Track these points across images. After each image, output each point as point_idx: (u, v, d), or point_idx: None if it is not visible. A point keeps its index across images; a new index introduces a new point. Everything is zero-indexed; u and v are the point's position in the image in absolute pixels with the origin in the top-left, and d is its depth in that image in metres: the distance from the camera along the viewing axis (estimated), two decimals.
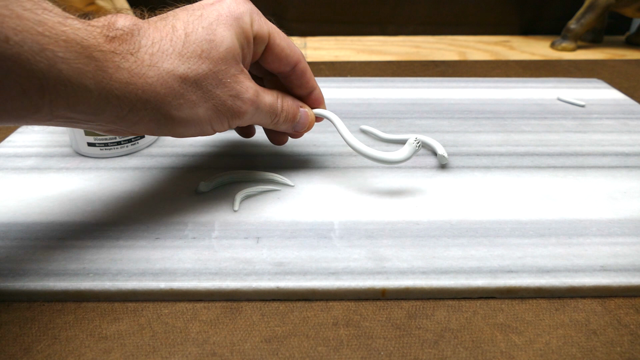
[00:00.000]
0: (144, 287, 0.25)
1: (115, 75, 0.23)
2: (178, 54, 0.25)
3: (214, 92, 0.26)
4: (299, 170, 0.35)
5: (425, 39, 0.80)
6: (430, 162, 0.37)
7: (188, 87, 0.25)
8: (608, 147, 0.40)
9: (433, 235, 0.29)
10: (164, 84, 0.24)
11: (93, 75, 0.22)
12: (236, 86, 0.27)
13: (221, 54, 0.26)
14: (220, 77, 0.26)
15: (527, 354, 0.22)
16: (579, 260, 0.27)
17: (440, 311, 0.24)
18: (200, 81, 0.26)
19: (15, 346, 0.22)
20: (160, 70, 0.24)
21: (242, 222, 0.30)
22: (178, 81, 0.25)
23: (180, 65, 0.25)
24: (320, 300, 0.25)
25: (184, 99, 0.25)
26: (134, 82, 0.23)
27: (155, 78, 0.24)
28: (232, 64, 0.27)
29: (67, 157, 0.37)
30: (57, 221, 0.29)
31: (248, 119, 0.29)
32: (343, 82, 0.55)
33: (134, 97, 0.24)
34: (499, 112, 0.46)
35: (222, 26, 0.26)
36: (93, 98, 0.22)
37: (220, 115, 0.27)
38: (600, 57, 0.70)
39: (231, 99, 0.27)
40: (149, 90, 0.24)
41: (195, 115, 0.26)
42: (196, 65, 0.25)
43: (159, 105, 0.25)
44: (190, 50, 0.25)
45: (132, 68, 0.23)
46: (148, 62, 0.24)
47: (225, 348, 0.22)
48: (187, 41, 0.25)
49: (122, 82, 0.23)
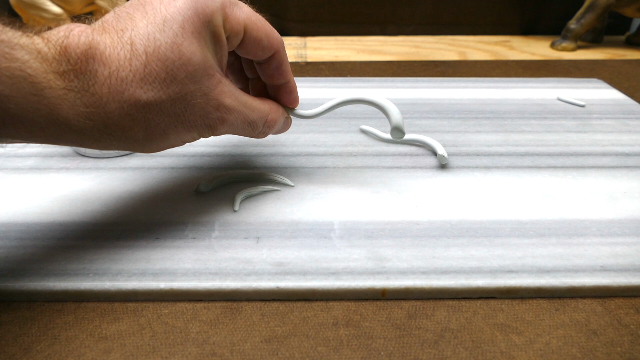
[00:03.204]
0: (144, 287, 0.25)
1: (71, 112, 0.21)
2: (139, 80, 0.22)
3: (184, 115, 0.24)
4: (299, 170, 0.35)
5: (425, 39, 0.80)
6: (430, 162, 0.37)
7: (154, 116, 0.23)
8: (608, 147, 0.40)
9: (433, 235, 0.29)
10: (126, 117, 0.22)
11: (46, 113, 0.20)
12: (207, 106, 0.25)
13: (189, 73, 0.23)
14: (189, 99, 0.24)
15: (527, 354, 0.22)
16: (579, 260, 0.27)
17: (440, 311, 0.24)
18: (167, 107, 0.23)
19: (15, 346, 0.22)
20: (121, 102, 0.22)
21: (242, 222, 0.30)
22: (142, 111, 0.23)
23: (143, 94, 0.22)
24: (320, 300, 0.25)
25: (151, 128, 0.23)
26: (92, 117, 0.22)
27: (117, 111, 0.22)
28: (203, 82, 0.24)
29: (67, 157, 0.37)
30: (57, 221, 0.29)
31: (224, 132, 0.27)
32: (343, 82, 0.55)
33: (95, 132, 0.22)
34: (499, 112, 0.46)
35: (189, 37, 0.23)
36: (48, 133, 0.21)
37: (194, 135, 0.26)
38: (600, 57, 0.70)
39: (202, 120, 0.25)
40: (111, 123, 0.22)
41: (166, 141, 0.25)
42: (161, 91, 0.23)
43: (124, 137, 0.23)
44: (153, 75, 0.22)
45: (89, 104, 0.21)
46: (107, 95, 0.22)
47: (225, 348, 0.22)
48: (149, 63, 0.22)
49: (79, 117, 0.21)
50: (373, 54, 0.70)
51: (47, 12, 0.63)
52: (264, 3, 0.81)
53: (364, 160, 0.37)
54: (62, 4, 0.63)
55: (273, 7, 0.80)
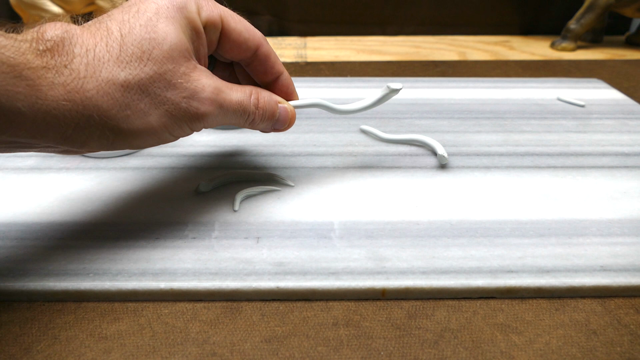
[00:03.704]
0: (144, 287, 0.25)
1: (50, 93, 0.21)
2: (116, 59, 0.22)
3: (164, 95, 0.24)
4: (299, 170, 0.35)
5: (425, 39, 0.80)
6: (430, 162, 0.37)
7: (133, 95, 0.23)
8: (608, 147, 0.40)
9: (433, 235, 0.29)
10: (105, 96, 0.22)
11: (25, 96, 0.20)
12: (189, 86, 0.24)
13: (165, 52, 0.23)
14: (168, 78, 0.24)
15: (527, 354, 0.22)
16: (579, 260, 0.27)
17: (440, 311, 0.24)
18: (146, 86, 0.23)
19: (15, 346, 0.22)
20: (99, 80, 0.22)
21: (242, 222, 0.30)
22: (120, 90, 0.22)
23: (120, 72, 0.22)
24: (320, 300, 0.25)
25: (130, 109, 0.23)
26: (72, 98, 0.21)
27: (95, 90, 0.22)
28: (180, 62, 0.24)
29: (67, 157, 0.37)
30: (57, 221, 0.29)
31: (213, 120, 0.26)
32: (343, 82, 0.55)
33: (75, 115, 0.21)
34: (499, 112, 0.46)
35: (163, 20, 0.23)
36: (28, 121, 0.20)
37: (177, 121, 0.25)
38: (600, 57, 0.70)
39: (185, 101, 0.24)
40: (90, 105, 0.22)
41: (148, 125, 0.24)
42: (138, 69, 0.23)
43: (105, 120, 0.22)
44: (129, 53, 0.23)
45: (68, 82, 0.21)
46: (84, 74, 0.22)
47: (225, 348, 0.22)
48: (124, 43, 0.23)
49: (58, 100, 0.21)
50: (373, 54, 0.70)
51: (47, 12, 0.63)
52: (264, 3, 0.81)
53: (364, 160, 0.37)
54: (62, 4, 0.63)
55: (273, 7, 0.80)
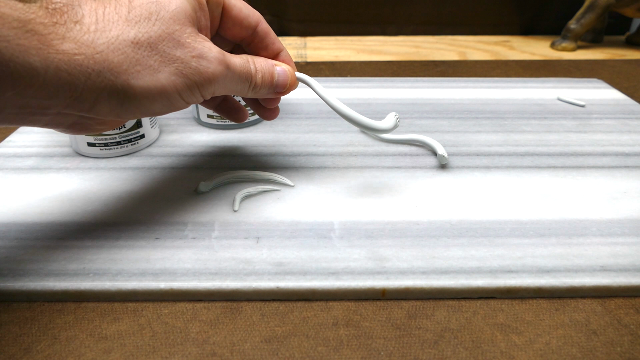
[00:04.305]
0: (144, 287, 0.25)
1: (61, 47, 0.21)
2: (125, 19, 0.23)
3: (174, 53, 0.24)
4: (299, 170, 0.35)
5: (425, 39, 0.80)
6: (430, 162, 0.37)
7: (143, 52, 0.23)
8: (608, 147, 0.40)
9: (433, 235, 0.29)
10: (115, 51, 0.23)
11: (37, 51, 0.20)
12: (197, 45, 0.25)
13: (171, 13, 0.24)
14: (176, 37, 0.24)
15: (527, 354, 0.22)
16: (579, 260, 0.27)
17: (440, 311, 0.24)
18: (155, 44, 0.24)
19: (15, 346, 0.22)
20: (109, 36, 0.22)
21: (242, 222, 0.30)
22: (131, 46, 0.23)
23: (130, 30, 0.23)
24: (320, 300, 0.25)
25: (140, 65, 0.23)
26: (83, 52, 0.22)
27: (105, 45, 0.22)
28: (186, 24, 0.25)
29: (67, 157, 0.37)
30: (57, 221, 0.29)
31: (221, 83, 0.26)
32: (343, 82, 0.55)
33: (86, 70, 0.22)
34: (499, 112, 0.46)
35: None
36: (41, 76, 0.21)
37: (188, 81, 0.25)
38: (600, 57, 0.70)
39: (195, 60, 0.25)
40: (101, 60, 0.22)
41: (158, 83, 0.24)
42: (147, 27, 0.23)
43: (115, 76, 0.23)
44: (138, 14, 0.23)
45: (79, 37, 0.22)
46: (94, 29, 0.22)
47: (225, 348, 0.22)
48: (132, 6, 0.24)
49: (70, 54, 0.21)
50: (373, 54, 0.70)
51: None
52: (264, 3, 0.81)
53: (364, 160, 0.37)
54: None
55: (273, 7, 0.80)
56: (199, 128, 0.42)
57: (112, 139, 0.36)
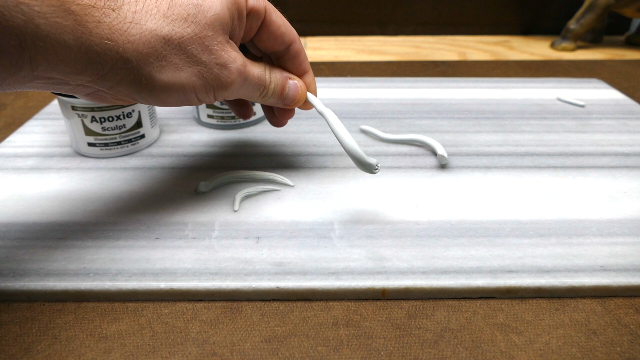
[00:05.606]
0: (144, 287, 0.25)
1: (96, 30, 0.22)
2: (163, 14, 0.24)
3: (199, 57, 0.25)
4: (299, 170, 0.35)
5: (425, 39, 0.80)
6: (430, 162, 0.37)
7: (171, 50, 0.24)
8: (608, 147, 0.40)
9: (433, 235, 0.29)
10: (146, 43, 0.24)
11: (72, 30, 0.21)
12: (223, 54, 0.26)
13: (208, 19, 0.25)
14: (206, 42, 0.25)
15: (527, 354, 0.22)
16: (579, 260, 0.27)
17: (440, 311, 0.24)
18: (185, 45, 0.25)
19: (15, 346, 0.22)
20: (143, 29, 0.23)
21: (242, 222, 0.30)
22: (161, 42, 0.24)
23: (165, 26, 0.24)
24: (320, 300, 0.25)
25: (166, 61, 0.24)
26: (115, 38, 0.23)
27: (138, 36, 0.23)
28: (219, 32, 0.26)
29: (67, 157, 0.37)
30: (57, 221, 0.29)
31: (235, 90, 0.28)
32: (343, 82, 0.55)
33: (115, 55, 0.23)
34: (499, 112, 0.46)
35: None
36: (73, 54, 0.22)
37: (206, 84, 0.26)
38: (600, 57, 0.70)
39: (217, 67, 0.26)
40: (131, 49, 0.23)
41: (178, 80, 0.25)
42: (181, 27, 0.24)
43: (141, 65, 0.24)
44: (176, 13, 0.24)
45: (114, 24, 0.23)
46: (130, 19, 0.23)
47: (225, 348, 0.22)
48: (174, 4, 0.24)
49: (102, 38, 0.22)
50: (373, 54, 0.70)
51: None
52: None
53: None
54: None
55: None
56: (199, 128, 0.42)
57: (112, 139, 0.36)
